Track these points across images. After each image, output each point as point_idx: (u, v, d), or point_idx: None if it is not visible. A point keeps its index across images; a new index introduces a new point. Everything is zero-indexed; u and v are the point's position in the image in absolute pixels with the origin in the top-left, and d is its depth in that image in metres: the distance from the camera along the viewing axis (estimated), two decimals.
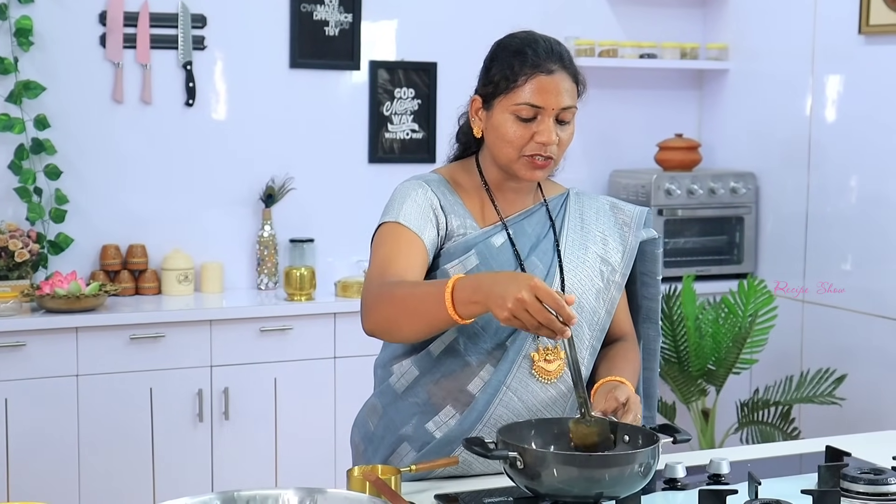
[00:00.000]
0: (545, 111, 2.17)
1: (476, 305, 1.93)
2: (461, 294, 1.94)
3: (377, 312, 2.08)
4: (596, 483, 1.84)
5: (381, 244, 2.20)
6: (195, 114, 4.39)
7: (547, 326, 1.88)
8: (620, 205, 2.41)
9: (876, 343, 4.25)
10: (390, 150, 4.66)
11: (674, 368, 4.19)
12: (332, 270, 4.53)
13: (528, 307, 1.86)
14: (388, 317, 2.06)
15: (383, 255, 2.17)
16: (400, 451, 2.25)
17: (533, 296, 1.86)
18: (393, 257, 2.15)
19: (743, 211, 4.82)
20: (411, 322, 2.03)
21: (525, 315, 1.87)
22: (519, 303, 1.86)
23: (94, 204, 4.28)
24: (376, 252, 2.20)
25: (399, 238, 2.18)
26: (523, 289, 1.86)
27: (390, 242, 2.18)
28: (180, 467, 4.00)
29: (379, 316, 2.08)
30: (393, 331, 2.08)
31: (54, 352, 3.83)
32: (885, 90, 4.21)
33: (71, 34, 4.20)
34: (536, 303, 1.86)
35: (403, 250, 2.16)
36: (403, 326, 2.05)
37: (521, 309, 1.86)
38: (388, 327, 2.08)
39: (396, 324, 2.05)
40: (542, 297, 1.86)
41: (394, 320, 2.05)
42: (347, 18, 4.55)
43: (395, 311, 2.05)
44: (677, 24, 5.10)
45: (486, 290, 1.91)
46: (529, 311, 1.86)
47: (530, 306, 1.86)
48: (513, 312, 1.87)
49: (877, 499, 2.04)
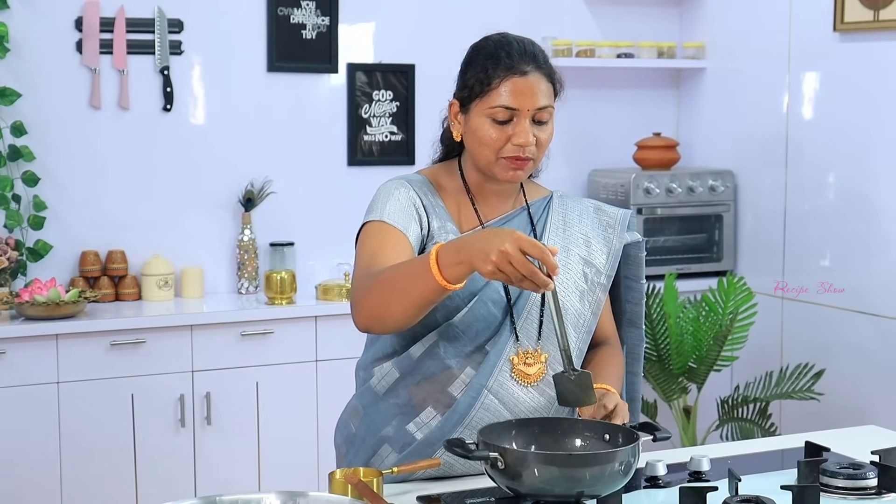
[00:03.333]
0: (521, 112, 2.17)
1: (461, 266, 1.93)
2: (446, 258, 1.94)
3: (367, 301, 2.07)
4: (577, 482, 1.85)
5: (366, 242, 2.20)
6: (173, 119, 4.38)
7: (530, 279, 1.88)
8: (604, 207, 2.42)
9: (854, 338, 4.28)
10: (369, 152, 4.66)
11: (655, 367, 4.20)
12: (313, 274, 4.53)
13: (512, 259, 1.87)
14: (378, 303, 2.05)
15: (369, 253, 2.16)
16: (381, 453, 2.25)
17: (517, 247, 1.87)
18: (379, 253, 2.15)
19: (722, 209, 4.84)
20: (402, 301, 2.01)
21: (509, 267, 1.87)
22: (502, 255, 1.87)
23: (73, 210, 4.26)
24: (362, 250, 2.19)
25: (384, 235, 2.18)
26: (506, 241, 1.87)
27: (375, 240, 2.18)
28: (163, 473, 3.99)
29: (369, 304, 2.06)
30: (385, 316, 2.05)
31: (34, 359, 3.82)
32: (860, 87, 4.24)
33: (47, 40, 4.19)
34: (520, 254, 1.87)
35: (389, 246, 2.16)
36: (395, 307, 2.02)
37: (505, 261, 1.87)
38: (379, 313, 2.06)
39: (387, 307, 2.03)
40: (525, 248, 1.87)
41: (384, 304, 2.04)
42: (325, 21, 4.55)
43: (384, 294, 2.04)
44: (654, 24, 5.12)
45: (469, 248, 1.92)
46: (513, 264, 1.87)
47: (514, 258, 1.86)
48: (496, 265, 1.87)
49: (856, 493, 2.05)
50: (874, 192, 4.20)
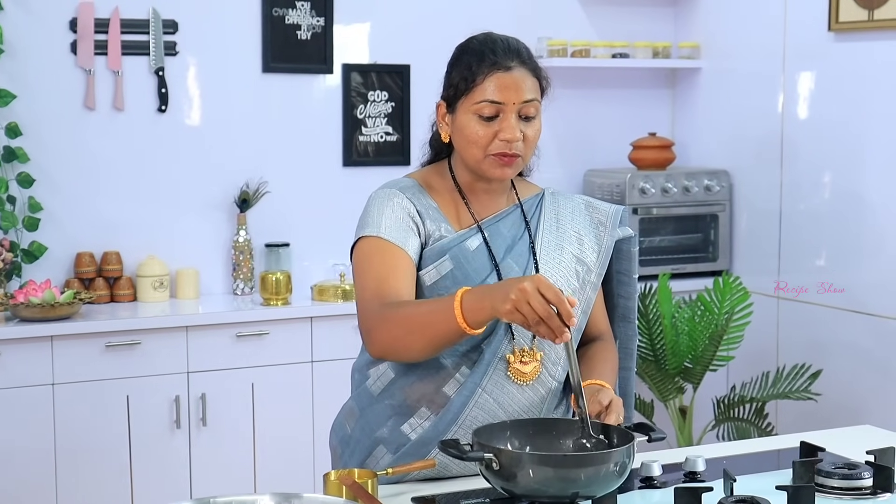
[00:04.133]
0: (506, 107, 2.17)
1: (483, 310, 1.95)
2: (469, 303, 1.97)
3: (383, 334, 2.10)
4: (572, 483, 1.85)
5: (367, 262, 2.19)
6: (168, 120, 4.37)
7: (547, 322, 1.89)
8: (596, 204, 2.41)
9: (850, 338, 4.28)
10: (364, 153, 4.66)
11: (651, 366, 4.20)
12: (308, 274, 4.52)
13: (530, 298, 1.88)
14: (395, 337, 2.08)
15: (374, 275, 2.17)
16: (376, 454, 2.25)
17: (535, 288, 1.88)
18: (384, 276, 2.15)
19: (717, 209, 4.84)
20: (421, 340, 2.04)
21: (526, 307, 1.88)
22: (521, 293, 1.88)
23: (68, 212, 4.26)
24: (365, 271, 2.19)
25: (385, 255, 2.18)
26: (526, 281, 1.89)
27: (378, 261, 2.18)
28: (158, 475, 3.99)
29: (386, 337, 2.09)
30: (401, 350, 2.10)
31: (29, 361, 3.81)
32: (855, 87, 4.24)
33: (41, 42, 4.18)
34: (538, 295, 1.88)
35: (393, 267, 2.17)
36: (413, 345, 2.06)
37: (524, 300, 1.88)
38: (395, 348, 2.10)
39: (406, 344, 2.07)
40: (543, 290, 1.88)
41: (402, 340, 2.07)
42: (319, 22, 4.55)
43: (403, 331, 2.07)
44: (649, 24, 5.12)
45: (492, 291, 1.95)
46: (531, 303, 1.88)
47: (532, 297, 1.88)
48: (515, 304, 1.89)
49: (851, 493, 2.05)
50: (869, 191, 4.20)
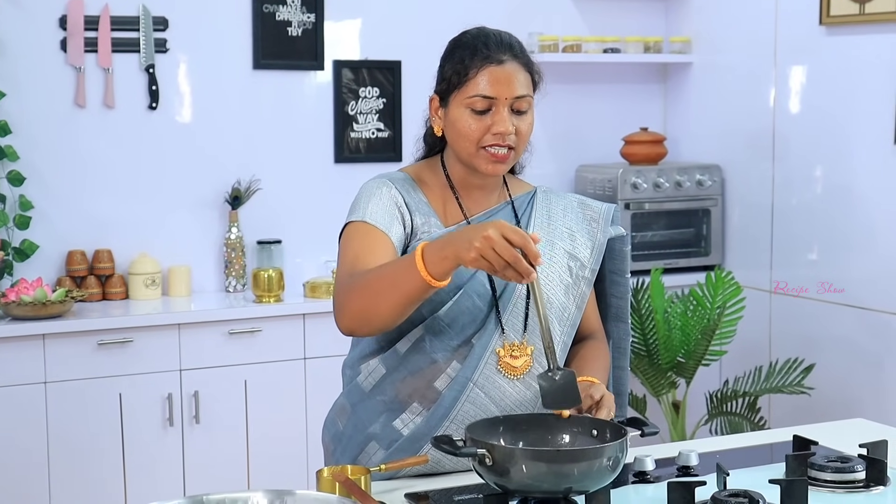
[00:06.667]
0: (498, 101, 2.17)
1: (446, 261, 1.94)
2: (431, 254, 1.95)
3: (351, 304, 2.07)
4: (565, 478, 1.84)
5: (348, 243, 2.19)
6: (159, 117, 4.36)
7: (514, 265, 1.88)
8: (588, 201, 2.41)
9: (842, 332, 4.28)
10: (356, 149, 4.65)
11: (643, 361, 4.20)
12: (301, 271, 4.52)
13: (495, 245, 1.87)
14: (363, 304, 2.04)
15: (352, 254, 2.16)
16: (368, 450, 2.25)
17: (500, 233, 1.88)
18: (362, 255, 2.14)
19: (709, 203, 4.85)
20: (387, 300, 2.01)
21: (491, 253, 1.88)
22: (486, 240, 1.87)
23: (59, 210, 4.25)
24: (345, 251, 2.19)
25: (367, 236, 2.18)
26: (490, 228, 1.88)
27: (358, 241, 2.18)
28: (151, 472, 3.98)
29: (354, 307, 2.06)
30: (371, 317, 2.05)
31: (21, 359, 3.80)
32: (846, 80, 4.24)
33: (31, 39, 4.17)
34: (503, 240, 1.87)
35: (372, 247, 2.16)
36: (381, 307, 2.02)
37: (488, 247, 1.87)
38: (365, 315, 2.05)
39: (374, 307, 2.03)
40: (508, 235, 1.88)
41: (370, 305, 2.03)
42: (310, 18, 4.54)
43: (369, 295, 2.03)
44: (640, 19, 5.12)
45: (454, 240, 1.93)
46: (496, 249, 1.87)
47: (497, 244, 1.87)
48: (480, 251, 1.88)
49: (844, 486, 2.05)
50: (861, 185, 4.20)
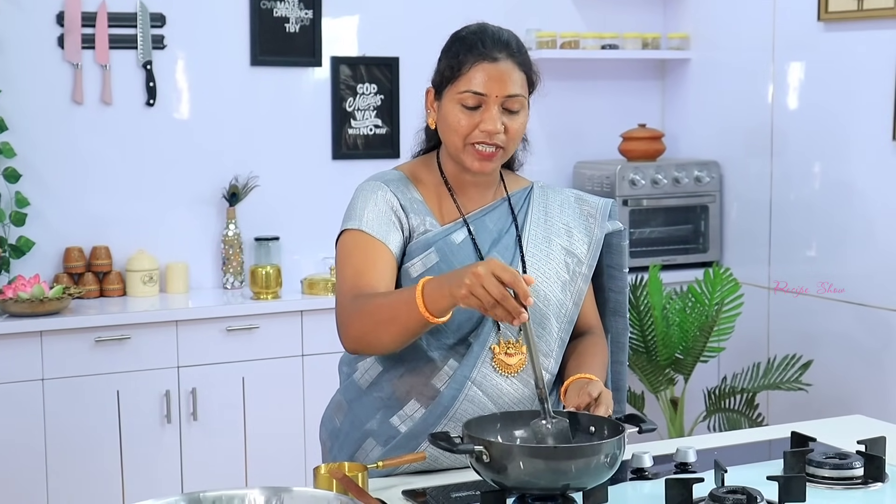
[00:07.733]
0: (489, 98, 2.17)
1: (442, 298, 1.95)
2: (431, 291, 1.96)
3: (353, 329, 2.10)
4: (562, 475, 1.84)
5: (347, 255, 2.19)
6: (156, 113, 4.36)
7: (502, 304, 1.87)
8: (585, 197, 2.41)
9: (840, 328, 4.28)
10: (354, 146, 4.65)
11: (642, 358, 4.20)
12: (298, 268, 4.51)
13: (484, 281, 1.86)
14: (364, 331, 2.08)
15: (352, 269, 2.16)
16: (365, 447, 2.24)
17: (489, 271, 1.87)
18: (362, 270, 2.15)
19: (707, 200, 4.84)
20: (388, 331, 2.04)
21: (480, 291, 1.87)
22: (475, 277, 1.87)
23: (56, 206, 4.24)
24: (344, 265, 2.19)
25: (365, 248, 2.18)
26: (481, 265, 1.88)
27: (357, 254, 2.18)
28: (149, 469, 3.98)
29: (356, 332, 2.10)
30: (372, 343, 2.10)
31: (19, 356, 3.80)
32: (844, 77, 4.24)
33: (28, 36, 4.16)
34: (492, 278, 1.87)
35: (372, 261, 2.16)
36: (382, 337, 2.06)
37: (477, 284, 1.87)
38: (366, 340, 2.10)
39: (374, 335, 2.07)
40: (498, 273, 1.87)
41: (371, 332, 2.07)
42: (308, 15, 4.53)
43: (371, 324, 2.06)
44: (638, 15, 5.11)
45: (449, 278, 1.94)
46: (485, 287, 1.87)
47: (485, 280, 1.86)
48: (469, 289, 1.88)
49: (842, 483, 2.05)
50: (859, 181, 4.20)
